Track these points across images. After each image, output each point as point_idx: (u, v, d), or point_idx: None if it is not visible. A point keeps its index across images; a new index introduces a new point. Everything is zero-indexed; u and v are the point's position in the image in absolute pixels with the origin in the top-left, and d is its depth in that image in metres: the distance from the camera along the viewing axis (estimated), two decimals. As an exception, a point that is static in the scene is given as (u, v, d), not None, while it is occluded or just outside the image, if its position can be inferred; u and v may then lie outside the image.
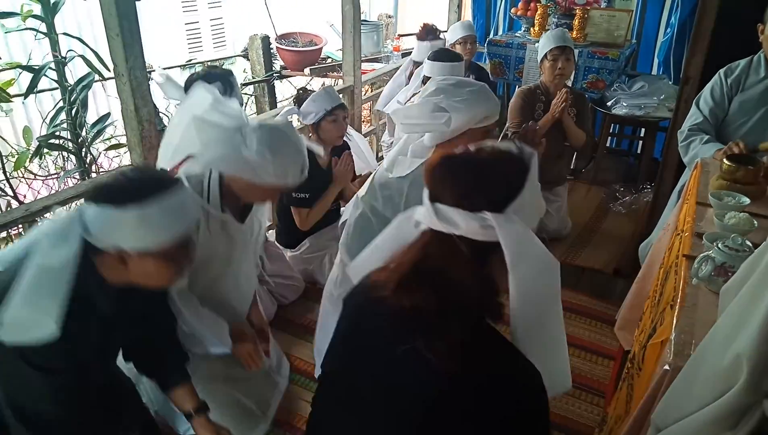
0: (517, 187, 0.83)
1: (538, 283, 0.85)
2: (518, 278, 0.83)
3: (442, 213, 0.82)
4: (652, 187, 3.34)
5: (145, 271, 1.16)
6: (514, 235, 0.81)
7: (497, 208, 0.81)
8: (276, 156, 1.52)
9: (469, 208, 0.81)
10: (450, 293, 0.83)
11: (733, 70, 2.27)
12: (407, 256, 0.89)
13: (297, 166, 1.60)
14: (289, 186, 1.62)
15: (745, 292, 0.94)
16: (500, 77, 4.27)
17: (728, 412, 0.92)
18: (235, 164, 1.54)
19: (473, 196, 0.82)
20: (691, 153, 2.31)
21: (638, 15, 4.24)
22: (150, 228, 1.09)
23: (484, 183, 0.83)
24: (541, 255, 0.86)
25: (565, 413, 2.15)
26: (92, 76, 2.89)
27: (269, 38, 4.73)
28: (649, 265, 2.32)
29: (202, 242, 1.62)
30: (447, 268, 0.84)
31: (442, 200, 0.83)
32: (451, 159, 0.86)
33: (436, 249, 0.86)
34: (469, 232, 0.81)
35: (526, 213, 0.84)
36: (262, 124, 1.57)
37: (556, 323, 0.91)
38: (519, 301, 0.84)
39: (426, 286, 0.84)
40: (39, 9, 2.77)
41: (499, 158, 0.87)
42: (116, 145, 3.33)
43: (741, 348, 0.89)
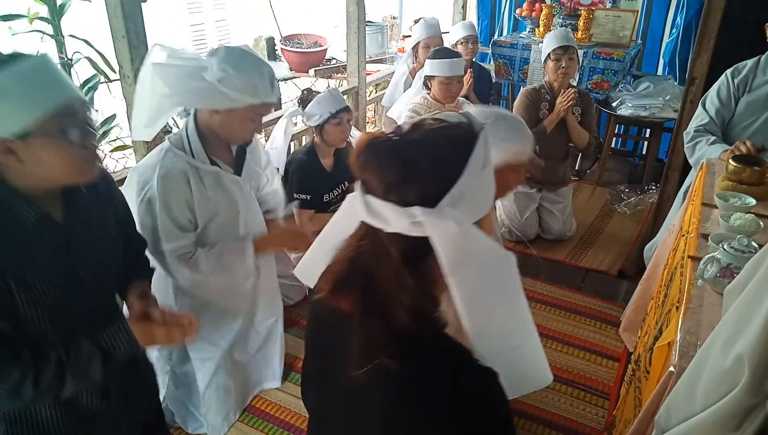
0: (453, 173, 0.69)
1: (486, 286, 0.72)
2: (458, 283, 0.70)
3: (371, 206, 0.70)
4: (657, 188, 3.33)
5: (40, 159, 1.05)
6: (448, 234, 0.67)
7: (429, 202, 0.68)
8: (240, 71, 1.51)
9: (398, 201, 0.68)
10: (374, 297, 0.73)
11: (740, 70, 2.26)
12: (343, 253, 0.78)
13: (264, 80, 1.56)
14: (266, 102, 1.59)
15: (747, 293, 0.94)
16: (505, 78, 4.27)
17: (731, 413, 0.91)
18: (204, 94, 1.53)
19: (401, 187, 0.68)
20: (697, 154, 2.30)
21: (643, 15, 4.22)
22: (11, 101, 1.00)
23: (414, 172, 0.68)
24: (487, 252, 0.71)
25: (569, 415, 2.15)
26: (98, 78, 2.90)
27: (274, 40, 4.74)
28: (654, 266, 2.31)
29: (200, 198, 1.64)
30: (374, 269, 0.73)
31: (371, 191, 0.71)
32: (378, 142, 0.70)
33: (367, 246, 0.74)
34: (400, 229, 0.69)
35: (468, 203, 0.69)
36: (218, 48, 1.57)
37: (517, 325, 0.77)
38: (465, 308, 0.71)
39: (356, 288, 0.75)
40: (46, 11, 2.79)
41: (435, 139, 0.72)
42: (122, 147, 3.34)
43: (742, 349, 0.89)
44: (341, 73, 4.52)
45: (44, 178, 1.09)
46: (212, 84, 1.51)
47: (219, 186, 1.69)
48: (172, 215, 1.61)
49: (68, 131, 1.07)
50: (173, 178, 1.59)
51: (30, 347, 1.08)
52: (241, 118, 1.60)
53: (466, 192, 0.69)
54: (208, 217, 1.70)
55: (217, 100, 1.54)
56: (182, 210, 1.63)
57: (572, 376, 2.34)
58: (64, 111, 1.06)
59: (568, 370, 2.37)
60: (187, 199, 1.63)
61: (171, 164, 1.60)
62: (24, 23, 2.78)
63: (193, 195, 1.64)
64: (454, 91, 2.69)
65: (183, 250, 1.65)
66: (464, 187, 0.69)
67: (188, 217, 1.66)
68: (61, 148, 1.07)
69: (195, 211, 1.66)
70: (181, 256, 1.64)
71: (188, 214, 1.65)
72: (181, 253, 1.64)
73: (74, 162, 1.10)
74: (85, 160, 1.12)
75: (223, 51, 1.55)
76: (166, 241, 1.61)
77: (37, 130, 1.03)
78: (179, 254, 1.64)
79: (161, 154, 1.62)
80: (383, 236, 0.71)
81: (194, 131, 1.64)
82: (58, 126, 1.06)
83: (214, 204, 1.69)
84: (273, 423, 2.10)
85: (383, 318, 0.72)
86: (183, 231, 1.64)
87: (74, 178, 1.14)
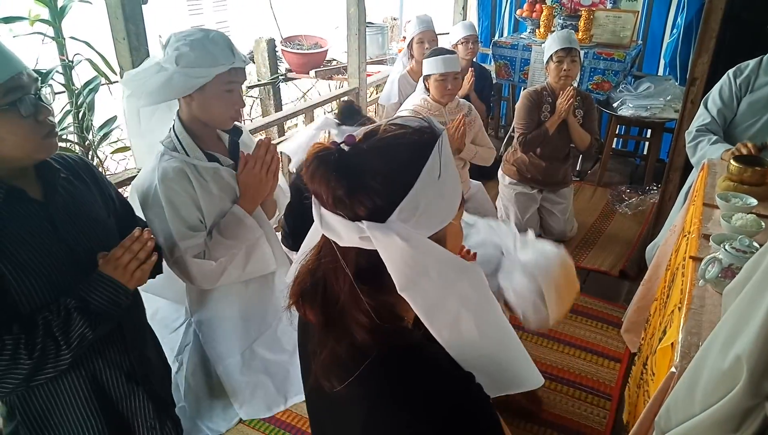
0: (403, 185, 0.65)
1: (443, 299, 0.68)
2: (412, 298, 0.67)
3: (325, 218, 0.68)
4: (658, 188, 3.33)
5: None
6: (395, 249, 0.64)
7: (378, 216, 0.65)
8: (192, 46, 1.51)
9: (346, 215, 0.66)
10: (333, 311, 0.71)
11: (742, 70, 2.26)
12: (306, 264, 0.76)
13: (219, 46, 1.54)
14: (233, 68, 1.55)
15: (745, 294, 0.94)
16: (506, 79, 4.27)
17: (730, 414, 0.91)
18: (169, 82, 1.53)
19: (349, 201, 0.65)
20: (698, 154, 2.30)
21: (644, 16, 4.22)
22: None
23: (361, 185, 0.65)
24: (443, 266, 0.67)
25: (571, 416, 2.14)
26: (99, 80, 2.90)
27: (274, 41, 4.74)
28: (655, 266, 2.31)
29: (204, 194, 1.63)
30: (332, 283, 0.72)
31: (323, 203, 0.68)
32: (324, 154, 0.67)
33: (326, 258, 0.72)
34: (351, 243, 0.67)
35: (423, 215, 0.66)
36: (168, 37, 1.57)
37: (489, 336, 0.72)
38: (426, 320, 0.68)
39: (317, 301, 0.73)
40: (47, 13, 2.80)
41: (386, 148, 0.68)
42: (123, 148, 3.35)
43: (741, 350, 0.88)
44: (342, 75, 4.52)
45: (2, 155, 1.09)
46: (173, 71, 1.52)
47: (219, 180, 1.68)
48: (181, 216, 1.60)
49: (18, 105, 1.07)
50: (173, 177, 1.58)
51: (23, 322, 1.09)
52: (216, 94, 1.58)
53: (419, 204, 0.65)
54: (217, 213, 1.68)
55: (184, 83, 1.53)
56: (189, 209, 1.62)
57: (574, 377, 2.33)
58: (11, 84, 1.06)
59: (570, 370, 2.37)
60: (192, 197, 1.62)
61: (167, 165, 1.59)
62: (25, 25, 2.78)
63: (197, 192, 1.62)
64: (450, 89, 2.68)
65: (198, 250, 1.64)
66: (416, 200, 0.65)
67: (197, 216, 1.64)
68: (13, 123, 1.07)
69: (202, 208, 1.65)
70: (196, 254, 1.64)
71: (196, 212, 1.64)
72: (197, 251, 1.63)
73: (28, 136, 1.10)
74: (40, 134, 1.11)
75: (172, 36, 1.56)
76: (180, 241, 1.59)
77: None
78: (195, 253, 1.63)
79: (157, 159, 1.62)
80: (338, 250, 0.69)
81: (181, 128, 1.63)
82: (7, 100, 1.05)
83: (219, 199, 1.68)
84: (274, 425, 2.10)
85: (344, 334, 0.71)
86: (194, 230, 1.63)
87: (32, 153, 1.13)
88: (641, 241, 3.33)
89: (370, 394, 0.69)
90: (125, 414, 1.35)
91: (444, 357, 0.72)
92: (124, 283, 1.22)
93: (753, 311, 0.89)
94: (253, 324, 1.96)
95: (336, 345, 0.71)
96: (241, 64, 1.58)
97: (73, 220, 1.23)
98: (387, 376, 0.69)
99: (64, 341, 1.11)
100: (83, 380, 1.25)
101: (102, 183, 1.38)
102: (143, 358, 1.40)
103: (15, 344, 1.06)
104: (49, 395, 1.22)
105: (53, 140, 1.16)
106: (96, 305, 1.17)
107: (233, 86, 1.60)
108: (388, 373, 0.69)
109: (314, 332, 0.77)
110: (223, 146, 1.75)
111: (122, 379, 1.32)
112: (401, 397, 0.67)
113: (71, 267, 1.19)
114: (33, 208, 1.15)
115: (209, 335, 1.93)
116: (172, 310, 2.02)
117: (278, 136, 3.65)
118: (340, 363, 0.71)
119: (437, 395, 0.67)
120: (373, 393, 0.69)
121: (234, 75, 1.58)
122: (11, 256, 1.09)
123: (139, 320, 1.45)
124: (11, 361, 1.06)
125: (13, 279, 1.09)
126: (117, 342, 1.32)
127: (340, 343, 0.71)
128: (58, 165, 1.24)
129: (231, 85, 1.59)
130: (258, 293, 1.93)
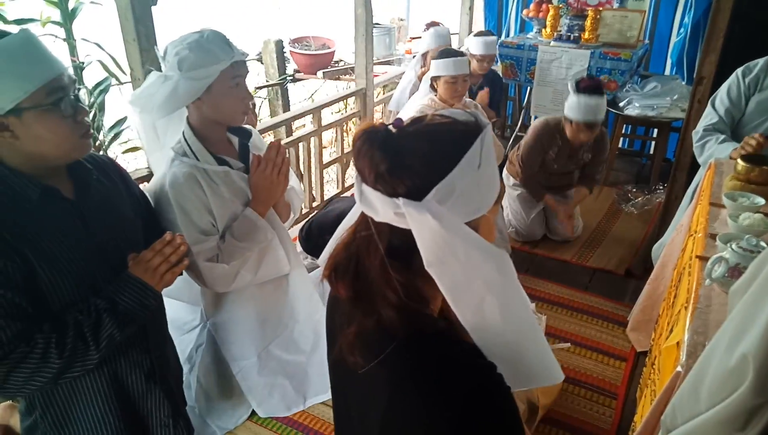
0: (443, 169, 0.68)
1: (470, 281, 0.70)
2: (438, 276, 0.70)
3: (365, 194, 0.71)
4: (665, 187, 3.32)
5: (35, 134, 1.08)
6: (427, 227, 0.67)
7: (416, 195, 0.68)
8: (192, 48, 1.52)
9: (385, 191, 0.69)
10: (363, 286, 0.75)
11: (751, 69, 2.25)
12: (343, 239, 0.80)
13: (215, 43, 1.55)
14: (234, 62, 1.56)
15: (751, 292, 0.94)
16: (512, 78, 4.27)
17: (736, 413, 0.91)
18: (176, 90, 1.54)
19: (390, 178, 0.69)
20: (706, 153, 2.30)
21: (651, 15, 4.21)
22: (2, 78, 1.02)
23: (403, 163, 0.69)
24: (472, 249, 0.69)
25: (576, 415, 2.15)
26: (109, 81, 2.94)
27: (283, 42, 4.77)
28: (661, 266, 2.31)
29: (215, 198, 1.63)
30: (364, 258, 0.75)
31: (364, 179, 0.71)
32: (373, 131, 0.71)
33: (362, 233, 0.76)
34: (387, 218, 0.70)
35: (458, 200, 0.69)
36: (164, 47, 1.60)
37: (511, 323, 0.74)
38: (451, 300, 0.71)
39: (349, 274, 0.76)
40: (58, 15, 2.83)
41: (431, 133, 0.72)
42: (133, 148, 3.38)
43: (747, 348, 0.88)
44: (349, 75, 4.54)
45: (40, 153, 1.12)
46: (177, 78, 1.53)
47: (230, 184, 1.68)
48: (193, 221, 1.61)
49: (60, 104, 1.09)
50: (183, 182, 1.59)
51: (53, 320, 1.11)
52: (223, 91, 1.58)
53: (455, 189, 0.68)
54: (228, 216, 1.69)
55: (191, 88, 1.55)
56: (201, 213, 1.62)
57: (579, 376, 2.34)
58: (54, 84, 1.09)
59: (576, 369, 2.38)
60: (204, 202, 1.63)
61: (178, 170, 1.61)
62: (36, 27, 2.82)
63: (208, 196, 1.63)
64: (460, 91, 2.69)
65: (210, 253, 1.64)
66: (454, 184, 0.68)
67: (209, 221, 1.65)
68: (54, 122, 1.09)
69: (214, 213, 1.65)
70: (209, 258, 1.65)
71: (208, 217, 1.64)
72: (209, 255, 1.64)
73: (67, 136, 1.12)
74: (78, 134, 1.14)
75: (168, 46, 1.58)
76: (193, 245, 1.58)
77: (29, 104, 1.05)
78: (208, 257, 1.64)
79: (167, 165, 1.63)
80: (374, 225, 0.73)
81: (191, 134, 1.64)
82: (50, 99, 1.08)
83: (230, 203, 1.68)
84: (284, 423, 2.12)
85: (372, 310, 0.73)
86: (206, 235, 1.64)
87: (69, 153, 1.16)
88: (647, 240, 3.32)
89: (393, 378, 0.72)
90: (142, 412, 1.37)
91: (467, 345, 0.74)
92: (153, 286, 1.24)
93: (759, 310, 0.89)
94: (269, 326, 1.98)
95: (363, 320, 0.74)
96: (241, 57, 1.60)
97: (104, 219, 1.25)
98: (410, 361, 0.72)
99: (93, 342, 1.13)
100: (105, 378, 1.27)
101: (129, 183, 1.41)
102: (163, 358, 1.42)
103: (46, 343, 1.08)
104: (71, 392, 1.24)
105: (89, 141, 1.19)
106: (124, 306, 1.19)
107: (238, 80, 1.61)
108: (410, 359, 0.72)
109: (343, 306, 0.80)
110: (233, 150, 1.76)
111: (142, 378, 1.34)
112: (423, 385, 0.69)
113: (101, 265, 1.21)
114: (66, 207, 1.18)
115: (225, 337, 1.95)
116: (187, 312, 2.04)
117: (286, 137, 3.67)
118: (366, 341, 0.73)
119: (457, 384, 0.69)
120: (396, 378, 0.72)
121: (237, 69, 1.59)
122: (46, 254, 1.11)
123: (161, 321, 1.47)
124: (42, 359, 1.07)
125: (45, 277, 1.11)
126: (140, 342, 1.34)
127: (367, 318, 0.74)
128: (90, 165, 1.27)
129: (236, 79, 1.60)
130: (273, 295, 1.95)
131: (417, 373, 0.71)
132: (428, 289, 0.74)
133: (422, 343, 0.73)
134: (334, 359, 0.85)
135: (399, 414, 0.72)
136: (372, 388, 0.75)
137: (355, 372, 0.75)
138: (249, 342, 1.95)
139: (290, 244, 1.89)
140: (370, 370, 0.73)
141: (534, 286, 2.95)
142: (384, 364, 0.72)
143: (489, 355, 0.74)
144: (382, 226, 0.72)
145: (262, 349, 1.97)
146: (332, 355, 0.87)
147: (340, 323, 0.81)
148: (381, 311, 0.73)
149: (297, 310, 2.01)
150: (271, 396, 2.06)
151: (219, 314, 1.92)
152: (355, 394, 0.83)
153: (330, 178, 4.42)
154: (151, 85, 1.59)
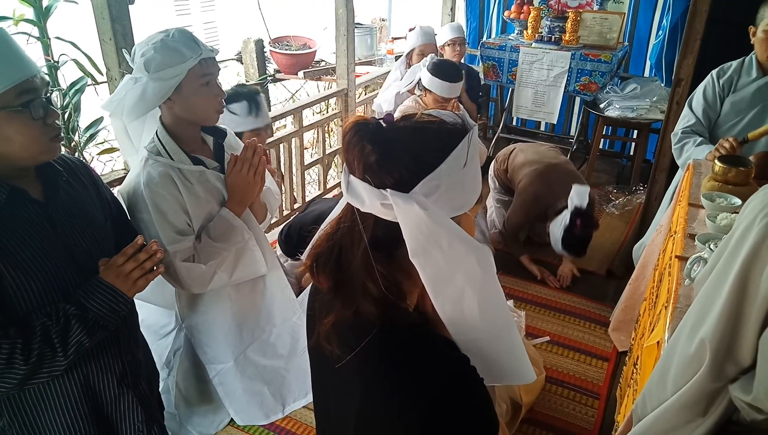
0: (430, 164, 0.71)
1: (451, 273, 0.72)
2: (422, 266, 0.71)
3: (352, 185, 0.73)
4: (645, 188, 3.36)
5: (4, 136, 1.06)
6: (414, 217, 0.69)
7: (403, 187, 0.70)
8: (158, 49, 1.51)
9: (373, 182, 0.71)
10: (344, 277, 0.76)
11: (725, 71, 2.29)
12: (326, 229, 0.81)
13: (181, 41, 1.53)
14: (203, 59, 1.54)
15: (710, 281, 0.96)
16: (494, 80, 4.29)
17: (695, 398, 0.93)
18: (145, 92, 1.52)
19: (378, 169, 0.71)
20: (684, 155, 2.32)
21: (630, 18, 4.26)
22: None
23: (392, 156, 0.71)
24: (456, 242, 0.70)
25: (559, 415, 2.16)
26: (85, 81, 2.87)
27: (263, 42, 4.73)
28: (642, 266, 2.33)
29: (191, 197, 1.61)
30: (347, 248, 0.76)
31: (352, 171, 0.74)
32: (363, 124, 0.73)
33: (345, 223, 0.77)
34: (373, 209, 0.72)
35: (443, 196, 0.71)
36: (132, 50, 1.58)
37: (488, 317, 0.75)
38: (431, 291, 0.73)
39: (329, 264, 0.78)
40: (32, 13, 2.76)
41: (421, 129, 0.74)
42: (109, 150, 3.31)
43: (705, 333, 0.90)
44: (330, 75, 4.51)
45: (7, 154, 1.09)
46: (146, 79, 1.52)
47: (205, 183, 1.66)
48: (168, 220, 1.58)
49: (30, 107, 1.07)
50: (158, 181, 1.56)
51: (19, 324, 1.08)
52: (194, 90, 1.56)
53: (441, 184, 0.71)
54: (204, 216, 1.67)
55: (159, 89, 1.53)
56: (177, 213, 1.60)
57: (562, 376, 2.35)
58: (25, 86, 1.06)
59: (558, 370, 2.38)
60: (179, 201, 1.60)
61: (153, 169, 1.58)
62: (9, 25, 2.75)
63: (184, 196, 1.61)
64: (447, 108, 2.69)
65: (187, 254, 1.62)
66: (440, 179, 0.71)
67: (185, 220, 1.63)
68: (22, 124, 1.07)
69: (189, 212, 1.63)
70: (185, 258, 1.62)
71: (184, 216, 1.62)
72: (186, 256, 1.62)
73: (36, 138, 1.10)
74: (47, 136, 1.12)
75: (135, 48, 1.57)
76: (169, 245, 1.56)
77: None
78: (184, 257, 1.61)
79: (141, 164, 1.60)
80: (359, 216, 0.74)
81: (164, 133, 1.62)
82: (20, 101, 1.06)
83: (205, 202, 1.66)
84: (265, 427, 2.09)
85: (351, 301, 0.75)
86: (182, 235, 1.61)
87: (37, 155, 1.14)
88: (628, 240, 3.36)
89: (367, 369, 0.74)
90: (113, 417, 1.34)
91: (441, 338, 0.75)
92: (125, 292, 1.21)
93: (717, 296, 0.91)
94: (246, 329, 1.94)
95: (342, 310, 0.76)
96: (210, 54, 1.57)
97: (73, 222, 1.22)
98: (384, 352, 0.73)
99: (61, 348, 1.10)
100: (75, 383, 1.24)
101: (100, 186, 1.38)
102: (135, 362, 1.39)
103: (11, 348, 1.05)
104: (40, 397, 1.21)
105: (58, 144, 1.17)
106: (95, 312, 1.16)
107: (208, 78, 1.58)
108: (385, 350, 0.73)
109: (323, 296, 0.82)
110: (208, 149, 1.74)
111: (113, 383, 1.31)
112: (395, 375, 0.71)
113: (69, 269, 1.18)
114: (34, 209, 1.15)
115: (201, 339, 1.92)
116: (162, 316, 2.00)
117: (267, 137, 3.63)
118: (343, 331, 0.75)
119: (430, 375, 0.70)
120: (370, 369, 0.73)
121: (206, 66, 1.57)
122: (12, 257, 1.08)
123: (133, 324, 1.44)
124: (6, 365, 1.05)
125: (12, 280, 1.08)
126: (111, 346, 1.31)
127: (345, 309, 0.76)
128: (59, 166, 1.24)
129: (206, 77, 1.57)
130: (249, 297, 1.92)
131: (390, 363, 0.72)
132: (407, 284, 0.77)
133: (397, 335, 0.74)
134: (312, 346, 0.87)
135: (373, 405, 0.73)
136: (348, 380, 0.77)
137: (332, 365, 0.76)
138: (225, 345, 1.91)
139: (267, 245, 1.86)
140: (346, 362, 0.74)
141: (516, 287, 2.95)
142: (359, 356, 0.73)
143: (463, 349, 0.75)
144: (367, 218, 0.74)
145: (239, 354, 1.94)
146: (311, 341, 0.88)
147: (320, 312, 0.82)
148: (360, 302, 0.74)
149: (274, 314, 1.98)
150: (250, 404, 2.02)
151: (194, 316, 1.89)
152: (333, 388, 0.84)
153: (311, 179, 4.39)
154: (122, 88, 1.57)
